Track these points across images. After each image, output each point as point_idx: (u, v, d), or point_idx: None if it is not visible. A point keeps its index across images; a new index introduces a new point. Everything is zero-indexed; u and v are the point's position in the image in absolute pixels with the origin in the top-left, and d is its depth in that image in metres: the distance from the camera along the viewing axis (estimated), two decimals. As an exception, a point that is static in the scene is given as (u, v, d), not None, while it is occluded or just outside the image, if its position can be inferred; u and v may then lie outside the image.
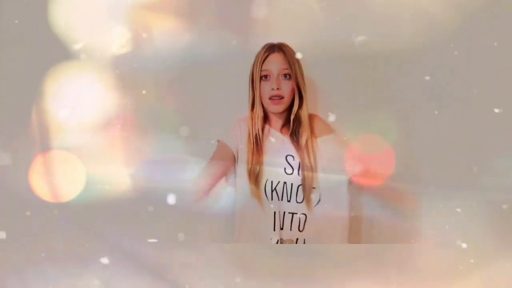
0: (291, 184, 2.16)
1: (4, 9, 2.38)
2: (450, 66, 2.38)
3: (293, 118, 2.20)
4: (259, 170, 2.14)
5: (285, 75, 2.19)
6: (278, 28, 2.39)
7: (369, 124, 2.39)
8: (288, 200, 2.16)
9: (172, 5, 2.41)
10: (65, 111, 2.36)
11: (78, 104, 2.36)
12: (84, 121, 2.36)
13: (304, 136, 2.19)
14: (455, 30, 2.34)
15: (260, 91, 2.20)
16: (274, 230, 2.16)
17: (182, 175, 2.37)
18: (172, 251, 2.26)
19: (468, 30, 2.34)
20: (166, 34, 2.41)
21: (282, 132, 2.24)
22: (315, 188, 2.18)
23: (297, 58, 2.21)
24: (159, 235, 2.30)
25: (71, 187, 2.31)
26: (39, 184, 2.30)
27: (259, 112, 2.19)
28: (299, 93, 2.21)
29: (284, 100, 2.18)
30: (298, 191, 2.17)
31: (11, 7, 2.38)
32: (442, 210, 2.32)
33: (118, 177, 2.36)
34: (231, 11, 2.42)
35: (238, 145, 2.21)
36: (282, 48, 2.22)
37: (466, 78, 2.36)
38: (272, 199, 2.16)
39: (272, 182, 2.16)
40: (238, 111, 2.37)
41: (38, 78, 2.34)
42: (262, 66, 2.18)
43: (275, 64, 2.19)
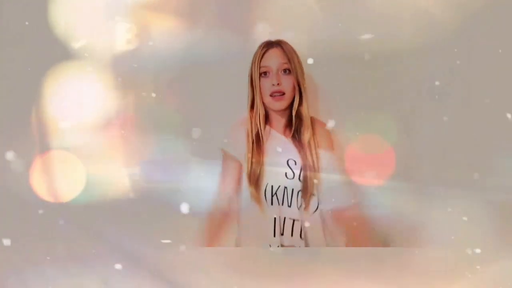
0: (292, 190, 2.11)
1: (4, 9, 2.38)
2: (450, 66, 2.38)
3: (294, 115, 2.15)
4: (259, 172, 2.09)
5: (284, 70, 2.14)
6: (278, 28, 2.39)
7: (369, 124, 2.39)
8: (288, 206, 2.11)
9: (172, 5, 2.42)
10: (65, 111, 2.36)
11: (78, 104, 2.36)
12: (84, 121, 2.36)
13: (306, 134, 2.14)
14: (455, 30, 2.34)
15: (260, 89, 2.15)
16: (274, 236, 2.11)
17: (182, 175, 2.38)
18: (172, 251, 2.26)
19: (468, 30, 2.34)
20: (166, 34, 2.41)
21: (285, 134, 2.19)
22: (315, 195, 2.14)
23: (296, 54, 2.17)
24: (159, 235, 2.30)
25: (71, 187, 2.31)
26: (39, 184, 2.30)
27: (260, 111, 2.14)
28: (299, 89, 2.17)
29: (286, 96, 2.13)
30: (299, 196, 2.12)
31: (11, 7, 2.38)
32: (442, 210, 2.32)
33: (118, 177, 2.36)
34: (231, 11, 2.42)
35: (242, 151, 2.17)
36: (280, 44, 2.17)
37: (466, 78, 2.36)
38: (272, 204, 2.11)
39: (272, 186, 2.11)
40: (238, 111, 2.37)
41: (38, 78, 2.34)
42: (260, 62, 2.13)
43: (274, 59, 2.14)
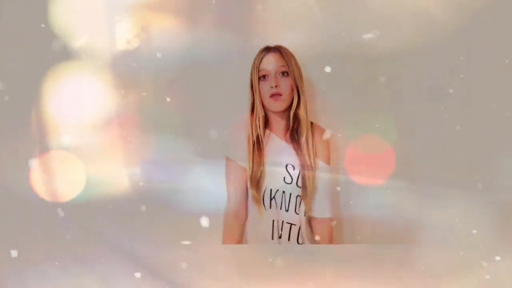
0: (290, 194, 2.16)
1: (4, 9, 2.38)
2: (450, 66, 2.38)
3: (292, 116, 2.19)
4: (260, 175, 2.14)
5: (282, 73, 2.19)
6: (278, 28, 2.39)
7: (369, 124, 2.39)
8: (286, 210, 2.16)
9: (172, 5, 2.42)
10: (65, 111, 2.36)
11: (78, 104, 2.36)
12: (84, 121, 2.36)
13: (304, 135, 2.18)
14: (455, 30, 2.34)
15: (259, 92, 2.20)
16: (273, 238, 2.16)
17: (181, 175, 2.38)
18: (172, 251, 2.26)
19: (468, 30, 2.34)
20: (166, 34, 2.41)
21: (285, 138, 2.24)
22: (312, 199, 2.19)
23: (294, 58, 2.22)
24: (159, 235, 2.30)
25: (71, 187, 2.31)
26: (39, 184, 2.31)
27: (260, 113, 2.19)
28: (297, 92, 2.21)
29: (283, 97, 2.18)
30: (297, 201, 2.17)
31: (11, 7, 2.38)
32: (441, 210, 2.32)
33: (118, 177, 2.36)
34: (231, 11, 2.42)
35: (243, 154, 2.20)
36: (278, 48, 2.23)
37: (466, 78, 2.36)
38: (270, 207, 2.16)
39: (271, 190, 2.16)
40: (238, 110, 2.37)
41: (38, 78, 2.34)
42: (259, 67, 2.19)
43: (272, 63, 2.20)
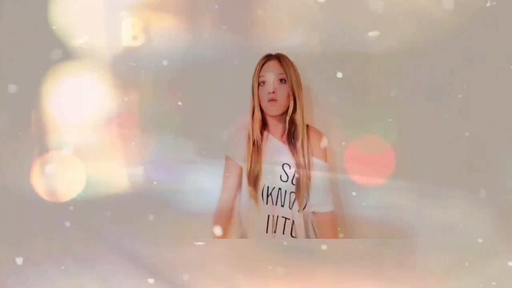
0: (285, 191, 2.29)
1: (4, 9, 2.38)
2: (450, 66, 2.38)
3: (288, 120, 2.30)
4: (257, 173, 2.28)
5: (280, 80, 2.30)
6: (278, 28, 2.40)
7: (369, 124, 2.40)
8: (282, 205, 2.29)
9: (173, 4, 2.42)
10: (65, 111, 2.36)
11: (78, 104, 2.36)
12: (84, 121, 2.36)
13: (299, 140, 2.30)
14: (455, 30, 2.34)
15: (258, 96, 2.31)
16: (267, 232, 2.27)
17: (181, 175, 2.38)
18: (172, 251, 2.27)
19: (468, 30, 2.34)
20: (166, 33, 2.41)
21: (282, 140, 2.35)
22: (305, 196, 2.30)
23: (293, 66, 2.32)
24: (159, 235, 2.30)
25: (71, 187, 2.31)
26: (39, 184, 2.31)
27: (257, 116, 2.31)
28: (293, 98, 2.31)
29: (279, 102, 2.29)
30: (291, 198, 2.29)
31: (11, 7, 2.38)
32: (441, 210, 2.32)
33: (118, 176, 2.36)
34: (231, 11, 2.42)
35: (242, 154, 2.33)
36: (278, 56, 2.33)
37: (466, 78, 2.36)
38: (267, 203, 2.29)
39: (268, 187, 2.29)
40: (238, 110, 2.39)
41: (38, 78, 2.34)
42: (259, 73, 2.30)
43: (271, 70, 2.31)
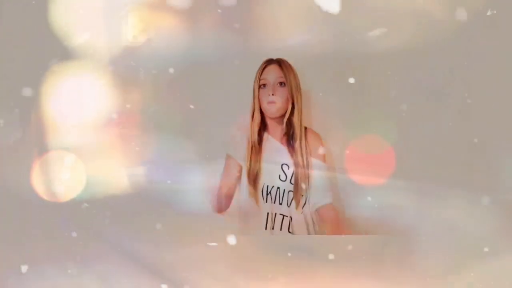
0: (284, 190, 2.38)
1: (4, 9, 2.38)
2: (450, 66, 2.38)
3: (285, 122, 2.39)
4: (257, 173, 2.37)
5: (280, 83, 2.38)
6: (278, 28, 2.40)
7: (369, 124, 2.40)
8: (280, 203, 2.38)
9: (173, 5, 2.42)
10: (65, 111, 2.36)
11: (78, 104, 2.36)
12: (84, 120, 2.36)
13: (297, 141, 2.38)
14: (455, 30, 2.34)
15: (259, 99, 2.39)
16: (266, 228, 2.36)
17: (182, 175, 2.38)
18: (172, 251, 2.27)
19: (468, 30, 2.34)
20: (166, 33, 2.41)
21: (281, 141, 2.43)
22: (303, 195, 2.38)
23: (293, 70, 2.40)
24: (159, 235, 2.30)
25: (71, 187, 2.31)
26: (39, 184, 2.31)
27: (256, 117, 2.39)
28: (292, 101, 2.39)
29: (278, 105, 2.36)
30: (289, 196, 2.37)
31: (11, 7, 2.38)
32: (441, 210, 2.32)
33: (118, 176, 2.36)
34: (232, 11, 2.42)
35: (242, 154, 2.41)
36: (279, 61, 2.41)
37: (466, 78, 2.37)
38: (266, 201, 2.38)
39: (267, 186, 2.38)
40: (238, 110, 2.39)
41: (38, 78, 2.34)
42: (260, 76, 2.39)
43: (272, 73, 2.39)
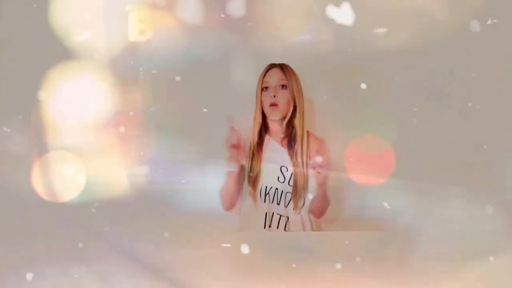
0: (282, 191, 2.41)
1: (4, 9, 2.38)
2: (450, 66, 2.39)
3: (286, 124, 2.41)
4: (256, 174, 2.41)
5: (282, 86, 2.41)
6: (278, 28, 2.40)
7: (369, 124, 2.40)
8: (277, 203, 2.41)
9: (173, 4, 2.42)
10: (65, 111, 2.36)
11: (78, 104, 2.36)
12: (84, 120, 2.36)
13: (298, 143, 2.41)
14: (455, 30, 2.34)
15: (261, 101, 2.41)
16: (264, 227, 2.40)
17: (182, 175, 2.38)
18: (172, 251, 2.27)
19: (468, 30, 2.34)
20: (166, 33, 2.41)
21: (282, 143, 2.45)
22: (301, 197, 2.42)
23: (295, 74, 2.43)
24: (159, 235, 2.30)
25: (71, 187, 2.31)
26: (39, 184, 2.31)
27: (257, 119, 2.42)
28: (293, 104, 2.41)
29: (280, 107, 2.39)
30: (287, 197, 2.41)
31: (11, 7, 2.38)
32: (441, 209, 2.32)
33: (117, 176, 2.36)
34: (232, 11, 2.42)
35: (243, 154, 2.42)
36: (281, 65, 2.43)
37: (466, 78, 2.37)
38: (264, 202, 2.41)
39: (266, 187, 2.41)
40: (237, 110, 2.39)
41: (38, 78, 2.34)
42: (263, 79, 2.42)
43: (274, 76, 2.41)
